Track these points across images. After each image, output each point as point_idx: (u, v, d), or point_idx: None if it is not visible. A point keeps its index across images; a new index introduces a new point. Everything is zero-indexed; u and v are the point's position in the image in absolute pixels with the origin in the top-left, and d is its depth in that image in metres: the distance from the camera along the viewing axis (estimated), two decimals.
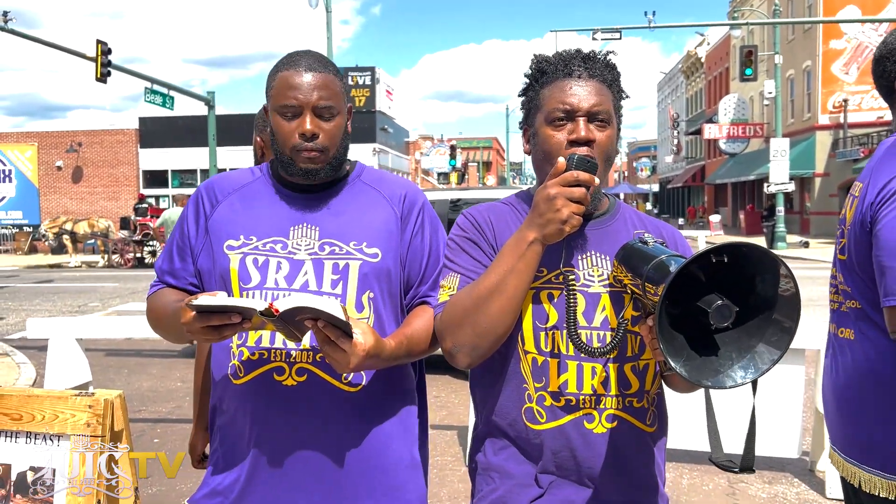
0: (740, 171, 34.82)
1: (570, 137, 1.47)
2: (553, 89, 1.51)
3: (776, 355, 1.28)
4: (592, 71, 1.51)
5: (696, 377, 1.27)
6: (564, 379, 1.48)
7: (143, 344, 8.63)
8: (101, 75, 16.19)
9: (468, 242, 1.57)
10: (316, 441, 1.58)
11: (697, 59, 48.86)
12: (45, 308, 12.58)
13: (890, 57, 1.86)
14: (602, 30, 20.53)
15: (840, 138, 28.25)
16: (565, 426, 1.48)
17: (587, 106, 1.48)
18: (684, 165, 52.95)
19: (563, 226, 1.36)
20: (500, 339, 1.46)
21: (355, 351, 1.39)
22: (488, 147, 77.72)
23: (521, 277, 1.41)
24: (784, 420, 4.12)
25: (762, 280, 1.28)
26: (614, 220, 1.60)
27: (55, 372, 4.96)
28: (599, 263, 1.53)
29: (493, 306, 1.41)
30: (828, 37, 28.93)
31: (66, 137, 29.94)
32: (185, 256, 1.71)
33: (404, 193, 1.71)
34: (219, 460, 1.67)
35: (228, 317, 1.39)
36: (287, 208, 1.66)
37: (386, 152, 33.83)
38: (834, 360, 1.90)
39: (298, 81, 1.58)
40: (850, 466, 1.82)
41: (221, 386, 1.65)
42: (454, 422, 5.58)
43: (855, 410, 1.80)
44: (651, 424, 1.55)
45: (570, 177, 1.36)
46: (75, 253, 22.34)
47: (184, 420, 5.71)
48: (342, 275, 1.60)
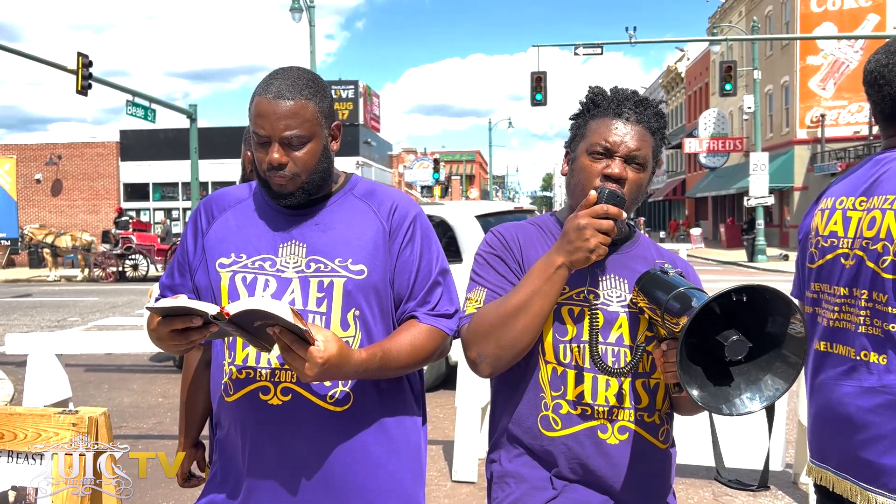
0: (721, 184, 35.18)
1: (604, 171, 1.56)
2: (600, 124, 1.60)
3: (783, 386, 1.38)
4: (641, 116, 1.59)
5: (711, 403, 1.36)
6: (581, 389, 1.56)
7: (124, 359, 8.53)
8: (81, 88, 16.06)
9: (496, 259, 1.64)
10: (304, 461, 1.58)
11: (677, 74, 49.42)
12: (24, 323, 12.39)
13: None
14: (584, 45, 20.72)
15: (818, 152, 28.66)
16: (580, 434, 1.55)
17: (627, 149, 1.56)
18: (665, 179, 53.42)
19: (591, 254, 1.46)
20: (522, 352, 1.55)
21: (312, 358, 1.39)
22: (471, 160, 77.93)
23: (547, 299, 1.50)
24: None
25: (773, 320, 1.37)
26: (634, 247, 1.70)
27: (34, 388, 4.89)
28: (617, 286, 1.62)
29: (519, 323, 1.50)
30: (805, 53, 29.42)
31: (45, 150, 29.65)
32: (184, 272, 1.73)
33: (395, 206, 1.69)
34: (217, 473, 1.67)
35: (190, 319, 1.40)
36: (277, 225, 1.66)
37: (369, 165, 33.82)
38: (830, 381, 1.83)
39: (266, 110, 1.57)
40: (872, 494, 1.74)
41: (218, 402, 1.67)
42: (439, 436, 5.55)
43: (883, 437, 1.71)
44: (664, 441, 1.62)
45: (601, 209, 1.46)
46: (55, 267, 22.05)
47: (166, 436, 5.64)
48: (327, 293, 1.59)
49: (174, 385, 7.38)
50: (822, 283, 1.88)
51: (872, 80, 1.84)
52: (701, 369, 1.39)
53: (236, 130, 26.63)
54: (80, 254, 22.06)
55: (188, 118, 20.35)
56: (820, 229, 1.89)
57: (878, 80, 1.82)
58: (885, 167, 1.78)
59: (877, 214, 1.72)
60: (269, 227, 1.66)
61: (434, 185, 44.42)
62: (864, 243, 1.74)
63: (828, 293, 1.86)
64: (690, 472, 4.52)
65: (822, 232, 1.88)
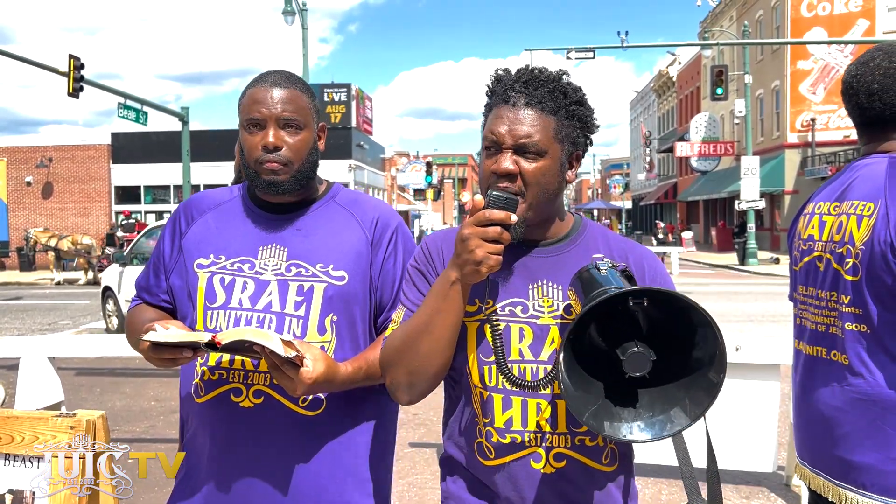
0: (712, 188, 35.31)
1: (491, 168, 1.40)
2: (491, 116, 1.44)
3: (683, 422, 1.22)
4: (531, 98, 1.40)
5: (585, 416, 1.22)
6: (509, 415, 1.42)
7: (115, 362, 8.49)
8: (73, 90, 15.99)
9: (418, 274, 1.51)
10: (272, 465, 1.57)
11: (669, 79, 49.61)
12: (14, 326, 12.33)
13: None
14: (576, 49, 20.78)
15: (808, 156, 28.82)
16: (511, 465, 1.43)
17: (513, 139, 1.38)
18: (657, 182, 53.57)
19: (479, 267, 1.30)
20: (436, 376, 1.43)
21: (301, 379, 1.41)
22: (464, 164, 77.99)
23: (447, 318, 1.37)
24: (760, 435, 4.17)
25: (703, 336, 1.20)
26: (574, 246, 1.49)
27: (26, 392, 4.87)
28: (551, 293, 1.45)
29: (423, 346, 1.38)
30: (795, 58, 29.59)
31: (36, 153, 29.46)
32: (158, 273, 1.73)
33: (377, 217, 1.70)
34: (184, 476, 1.66)
35: (180, 351, 1.45)
36: (258, 228, 1.66)
37: (361, 168, 33.78)
38: (814, 382, 1.88)
39: (263, 96, 1.61)
40: (842, 490, 1.79)
41: (187, 403, 1.66)
42: (433, 439, 5.55)
43: (851, 434, 1.76)
44: (609, 464, 1.46)
45: (482, 216, 1.30)
46: (59, 270, 21.96)
47: (159, 439, 5.62)
48: (306, 297, 1.60)
49: (166, 389, 7.35)
50: (801, 285, 1.97)
51: (844, 90, 1.92)
52: (602, 384, 1.25)
53: (228, 133, 26.56)
54: (82, 257, 21.93)
55: (180, 121, 20.28)
56: (801, 233, 1.98)
57: (848, 90, 1.90)
58: (856, 174, 1.87)
59: (844, 219, 1.81)
60: (249, 230, 1.66)
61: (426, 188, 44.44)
62: (832, 247, 1.83)
63: (804, 294, 1.95)
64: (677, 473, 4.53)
65: (802, 236, 1.97)
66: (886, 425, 1.71)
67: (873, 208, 1.74)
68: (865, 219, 1.75)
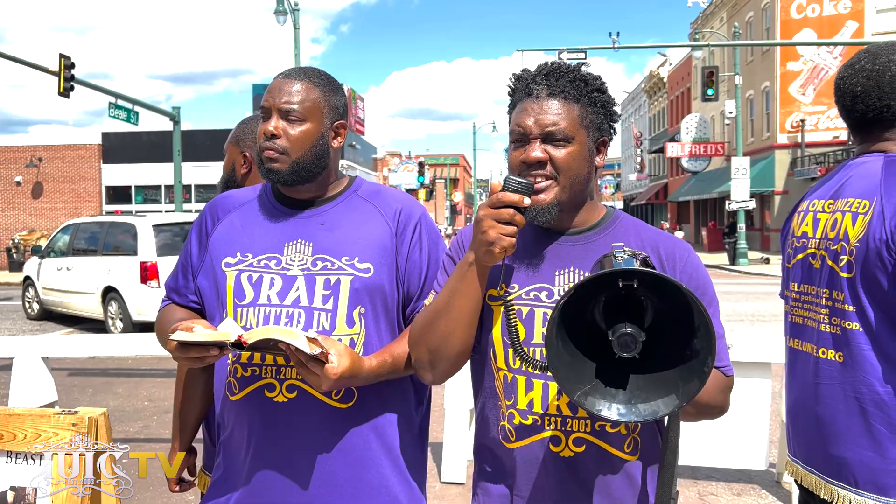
0: (702, 188, 35.46)
1: (520, 158, 1.45)
2: (516, 111, 1.50)
3: (660, 409, 1.23)
4: (553, 88, 1.46)
5: (572, 392, 1.24)
6: (531, 397, 1.46)
7: (108, 363, 8.47)
8: (63, 90, 15.93)
9: (449, 261, 1.58)
10: (309, 456, 1.59)
11: (660, 79, 49.77)
12: (5, 327, 12.26)
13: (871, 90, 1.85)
14: (568, 49, 20.82)
15: (798, 157, 28.98)
16: (532, 446, 1.46)
17: (541, 128, 1.44)
18: (647, 183, 53.74)
19: (492, 247, 1.36)
20: (458, 357, 1.48)
21: (327, 375, 1.44)
22: (455, 164, 78.03)
23: (465, 298, 1.42)
24: (751, 432, 4.21)
25: (700, 324, 1.20)
26: (603, 236, 1.52)
27: (20, 392, 4.86)
28: (577, 279, 1.47)
29: (440, 326, 1.45)
30: (785, 59, 29.75)
31: (25, 152, 29.28)
32: (186, 274, 1.76)
33: (400, 208, 1.72)
34: (221, 475, 1.68)
35: (207, 349, 1.46)
36: (282, 224, 1.69)
37: (354, 169, 33.77)
38: (806, 379, 1.90)
39: (274, 85, 1.66)
40: (834, 488, 1.81)
41: (221, 401, 1.68)
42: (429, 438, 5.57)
43: (844, 432, 1.78)
44: (631, 452, 1.46)
45: (496, 199, 1.37)
46: None
47: (153, 440, 5.61)
48: (333, 290, 1.62)
49: (160, 388, 7.34)
50: (793, 283, 1.98)
51: (834, 92, 1.95)
52: (594, 364, 1.27)
53: (219, 133, 26.46)
54: None
55: (171, 121, 20.22)
56: (795, 231, 2.00)
57: (836, 92, 1.94)
58: (851, 172, 1.89)
59: (838, 217, 1.83)
60: (274, 227, 1.69)
61: (418, 188, 44.41)
62: (826, 244, 1.85)
63: (797, 292, 1.96)
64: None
65: (796, 233, 1.99)
66: (879, 423, 1.73)
67: (869, 206, 1.76)
68: (861, 216, 1.77)
